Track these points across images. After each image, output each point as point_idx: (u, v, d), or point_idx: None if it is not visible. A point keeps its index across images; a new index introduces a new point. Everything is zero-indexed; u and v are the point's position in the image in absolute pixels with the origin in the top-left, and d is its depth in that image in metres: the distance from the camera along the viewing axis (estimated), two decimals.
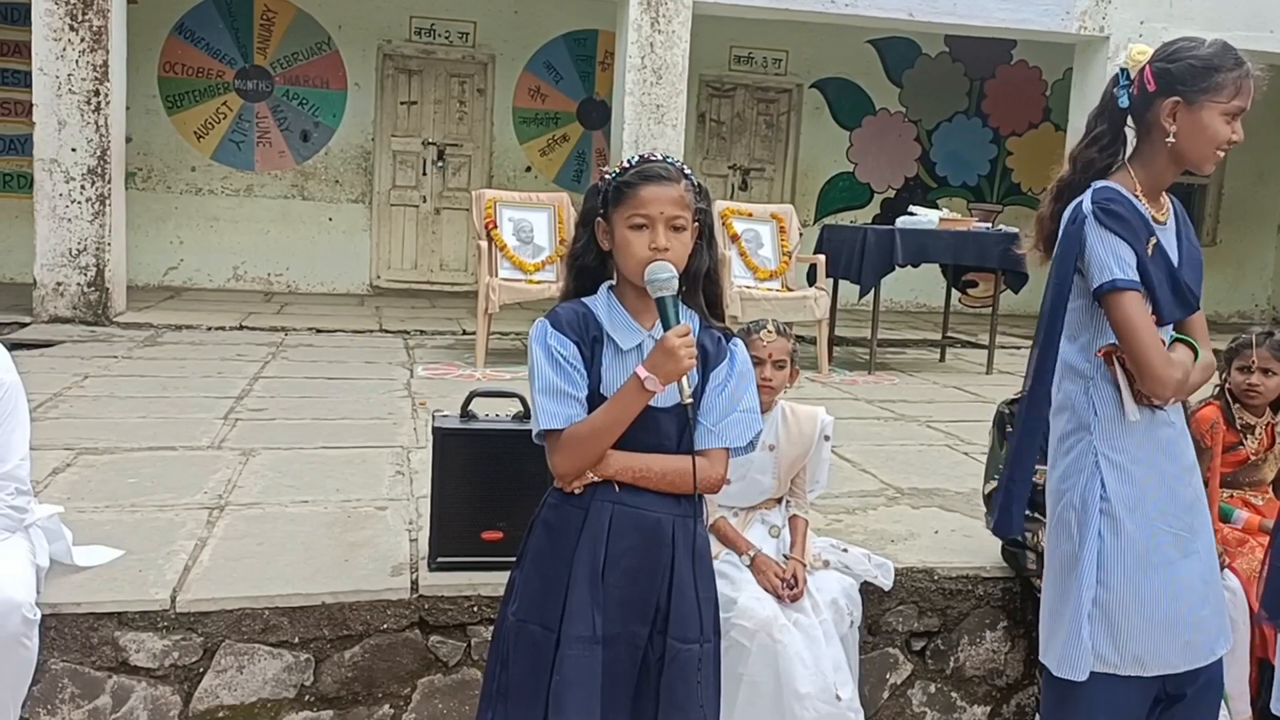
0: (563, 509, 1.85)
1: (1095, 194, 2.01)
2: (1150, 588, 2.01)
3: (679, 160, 1.87)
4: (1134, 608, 2.01)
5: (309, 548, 2.82)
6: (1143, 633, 2.01)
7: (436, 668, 2.61)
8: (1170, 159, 2.01)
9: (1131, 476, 2.01)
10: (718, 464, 1.85)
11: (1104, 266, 1.96)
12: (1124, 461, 2.01)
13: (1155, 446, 2.03)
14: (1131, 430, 2.02)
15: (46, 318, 6.61)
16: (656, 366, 1.72)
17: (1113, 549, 2.01)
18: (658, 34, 7.35)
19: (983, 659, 2.97)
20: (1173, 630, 2.02)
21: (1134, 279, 1.95)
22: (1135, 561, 2.01)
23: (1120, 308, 1.95)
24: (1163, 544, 2.02)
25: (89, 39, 6.53)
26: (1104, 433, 2.03)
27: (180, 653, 2.46)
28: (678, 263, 1.78)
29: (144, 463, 3.56)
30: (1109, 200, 1.99)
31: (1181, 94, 1.95)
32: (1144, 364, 1.95)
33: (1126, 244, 1.96)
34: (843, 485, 3.68)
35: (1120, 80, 2.03)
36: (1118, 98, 2.02)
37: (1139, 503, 2.01)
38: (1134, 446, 2.02)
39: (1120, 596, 2.01)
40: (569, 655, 1.77)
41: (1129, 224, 1.98)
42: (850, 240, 6.36)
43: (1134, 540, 2.01)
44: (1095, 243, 1.97)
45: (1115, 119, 2.04)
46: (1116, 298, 1.95)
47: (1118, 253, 1.96)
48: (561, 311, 1.84)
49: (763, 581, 2.53)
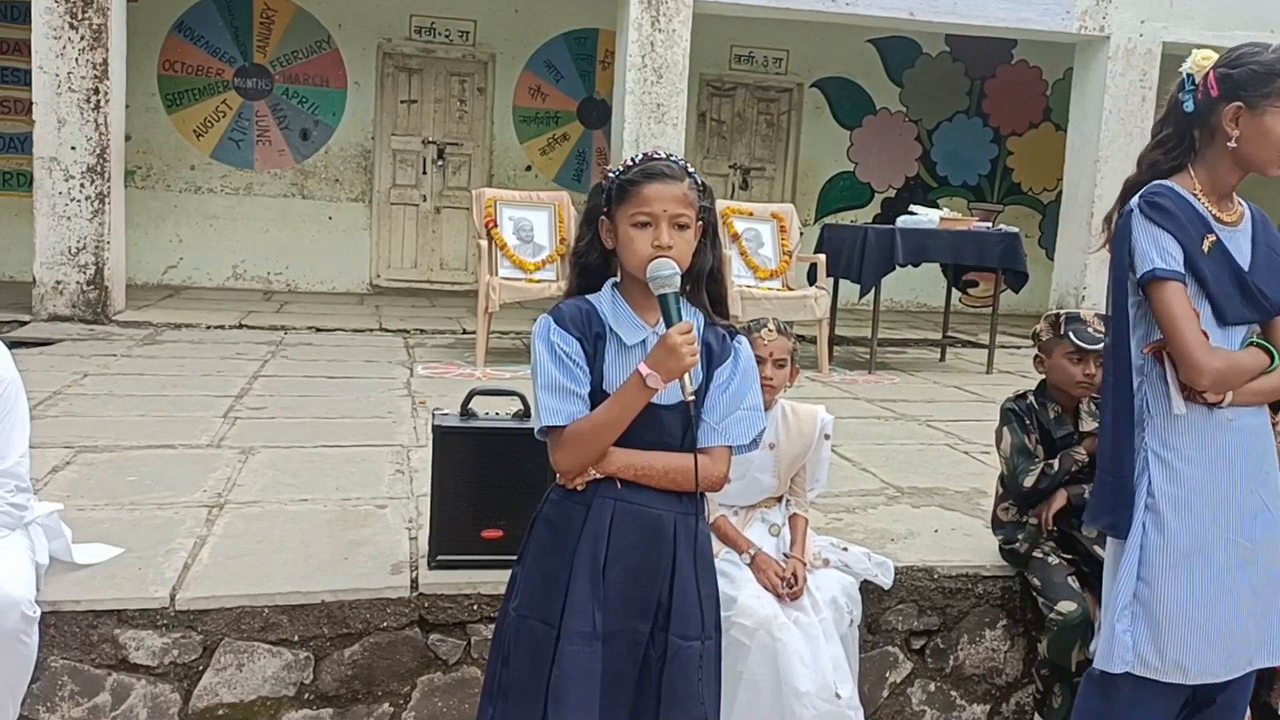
0: (564, 505, 1.84)
1: (1145, 190, 2.05)
2: (1194, 590, 2.00)
3: (683, 158, 1.87)
4: (1175, 609, 2.00)
5: (308, 546, 2.82)
6: (1185, 637, 2.00)
7: (436, 666, 2.61)
8: (1233, 162, 2.04)
9: (1180, 475, 2.01)
10: (720, 462, 1.84)
11: (1146, 256, 2.00)
12: (1173, 459, 2.02)
13: (1211, 447, 2.02)
14: (1184, 428, 2.02)
15: (46, 316, 6.61)
16: (659, 363, 1.72)
17: (1156, 545, 2.01)
18: (658, 33, 7.35)
19: (982, 658, 2.97)
20: (1215, 637, 2.01)
21: (1175, 269, 1.97)
22: (1179, 561, 2.00)
23: (1160, 297, 1.98)
24: (1210, 547, 2.01)
25: (89, 37, 6.52)
26: (1155, 429, 2.04)
27: (180, 650, 2.45)
28: (681, 260, 1.78)
29: (143, 461, 3.55)
30: (1155, 194, 2.02)
31: (1244, 99, 1.99)
32: (1180, 350, 1.96)
33: (1171, 236, 1.99)
34: (843, 484, 3.68)
35: (1185, 85, 2.06)
36: (1182, 102, 2.06)
37: (1187, 502, 2.01)
38: (1186, 445, 2.02)
39: (1161, 596, 2.00)
40: (569, 651, 1.77)
41: (1175, 217, 2.00)
42: (851, 240, 6.36)
43: (1179, 539, 2.00)
44: (1139, 235, 2.01)
45: (1180, 123, 2.07)
46: (1157, 287, 1.98)
47: (1160, 243, 1.99)
48: (565, 308, 1.84)
49: (763, 580, 2.53)
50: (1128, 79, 8.18)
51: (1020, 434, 2.86)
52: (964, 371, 6.76)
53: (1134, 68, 8.18)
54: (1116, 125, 8.20)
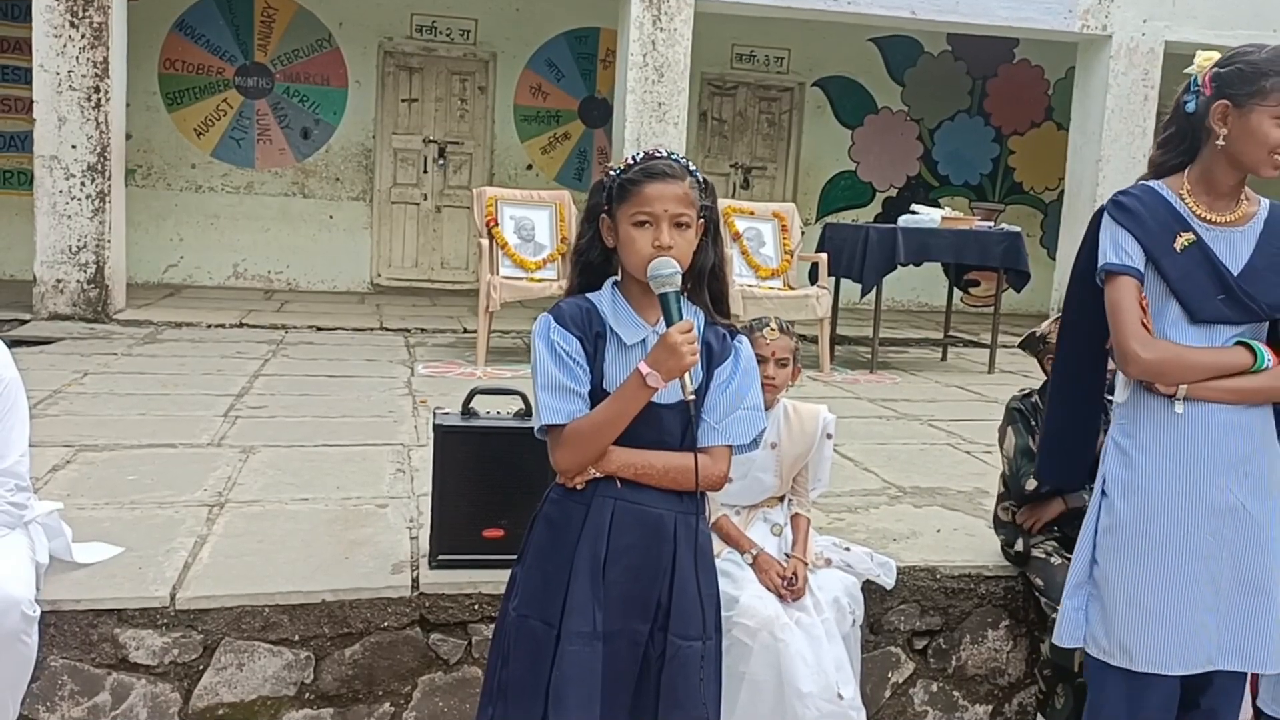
0: (564, 504, 1.84)
1: (1116, 191, 2.14)
2: (1139, 576, 2.02)
3: (684, 157, 1.86)
4: (1121, 592, 2.04)
5: (309, 545, 2.81)
6: (1132, 623, 2.03)
7: (437, 666, 2.60)
8: (1226, 162, 2.05)
9: (1134, 463, 2.05)
10: (720, 461, 1.84)
11: (1103, 253, 2.08)
12: (1129, 447, 2.07)
13: (1169, 440, 2.03)
14: (1146, 418, 2.05)
15: (46, 315, 6.60)
16: (659, 363, 1.72)
17: (1104, 528, 2.07)
18: (659, 31, 7.34)
19: (985, 658, 2.96)
20: (1164, 627, 2.01)
21: (1126, 264, 2.03)
22: (1124, 545, 2.04)
23: (1109, 290, 2.05)
24: (1164, 536, 2.01)
25: (89, 35, 6.52)
26: (1119, 418, 2.12)
27: (180, 650, 2.45)
28: (681, 260, 1.77)
29: (143, 460, 3.55)
30: (1122, 195, 2.10)
31: (1230, 97, 2.01)
32: (1115, 339, 2.04)
33: (1129, 234, 2.05)
34: (845, 484, 3.67)
35: (1190, 86, 2.09)
36: (1185, 103, 2.09)
37: (1135, 489, 2.04)
38: (1145, 434, 2.05)
39: (1108, 579, 2.06)
40: (569, 651, 1.76)
41: (1137, 216, 2.05)
42: (852, 239, 6.35)
43: (1124, 524, 2.04)
44: (1102, 233, 2.10)
45: (1182, 123, 2.11)
46: (1108, 281, 2.06)
47: (1117, 240, 2.06)
48: (565, 307, 1.83)
49: (765, 580, 2.52)
50: (1130, 78, 8.16)
51: (1024, 435, 2.85)
52: (966, 371, 6.75)
53: (1136, 67, 8.16)
54: (1119, 124, 8.19)
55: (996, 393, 5.72)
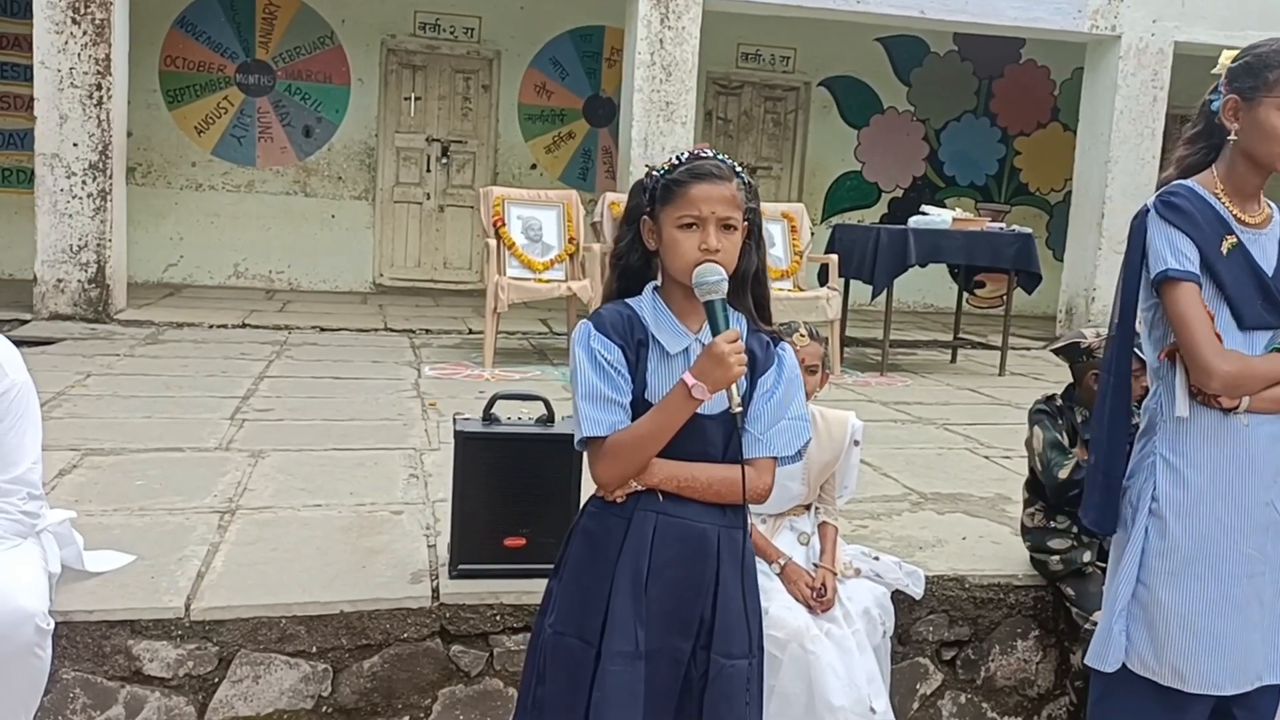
0: (604, 518, 1.77)
1: (1162, 190, 2.03)
2: (1191, 597, 1.96)
3: (730, 158, 1.80)
4: (1174, 615, 1.97)
5: (325, 553, 2.75)
6: (1182, 644, 1.97)
7: (458, 678, 2.54)
8: (1243, 158, 2.00)
9: (1186, 481, 1.97)
10: (765, 474, 1.77)
11: (1159, 257, 1.96)
12: (1181, 465, 1.98)
13: (1223, 454, 1.97)
14: (1196, 434, 1.98)
15: (47, 314, 6.52)
16: (705, 374, 1.65)
17: (1156, 550, 1.98)
18: (667, 30, 7.28)
19: (1014, 669, 2.91)
20: (1219, 649, 1.97)
21: (1189, 270, 1.94)
22: (1177, 567, 1.97)
23: (1173, 298, 1.94)
24: (1215, 556, 1.96)
25: (91, 32, 6.44)
26: (1166, 434, 2.01)
27: (195, 662, 2.38)
28: (728, 264, 1.71)
29: (151, 464, 3.48)
30: (1170, 194, 2.00)
31: (1238, 91, 1.97)
32: (1189, 352, 1.92)
33: (1186, 236, 1.96)
34: (865, 490, 3.61)
35: (1217, 85, 2.04)
36: (1211, 101, 2.04)
37: (1191, 510, 1.97)
38: (1195, 451, 1.98)
39: (1159, 601, 1.97)
40: (611, 671, 1.69)
41: (1190, 217, 1.96)
42: (863, 240, 6.30)
43: (1179, 546, 1.97)
44: (1154, 234, 1.98)
45: (1208, 121, 2.05)
46: (1170, 288, 1.95)
47: (1174, 243, 1.96)
48: (605, 313, 1.76)
49: (793, 591, 2.47)
50: (1139, 79, 8.12)
51: (1052, 430, 2.81)
52: (976, 374, 6.69)
53: (1145, 67, 8.12)
54: (1128, 125, 8.14)
55: (1010, 396, 5.67)
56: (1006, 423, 4.91)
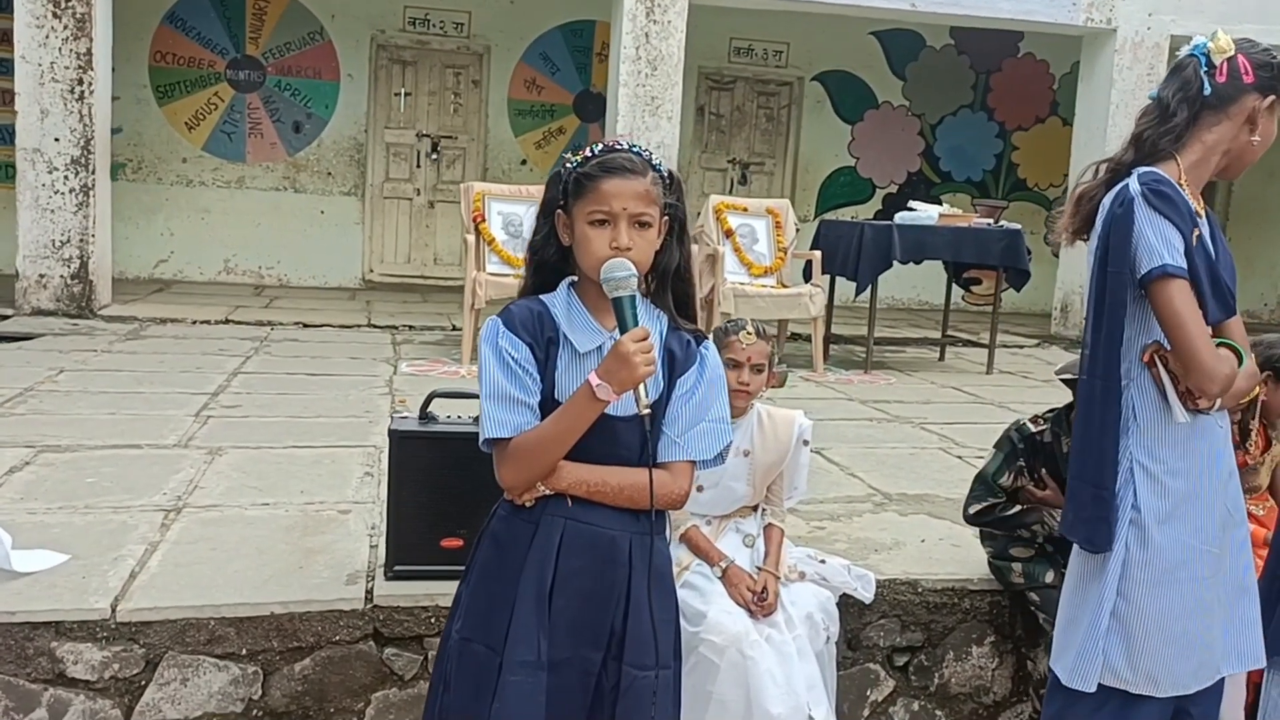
0: (512, 522, 1.72)
1: (1142, 176, 1.89)
2: (1171, 604, 1.91)
3: (647, 149, 1.73)
4: (1153, 623, 1.91)
5: (263, 553, 2.70)
6: (1158, 650, 1.92)
7: (391, 681, 2.49)
8: (1233, 155, 1.92)
9: (1166, 488, 1.91)
10: (681, 478, 1.71)
11: (1154, 251, 1.84)
12: (1159, 472, 1.91)
13: (1195, 457, 1.91)
14: (1171, 438, 1.91)
15: (29, 310, 6.51)
16: (610, 373, 1.59)
17: (1138, 561, 1.91)
18: (653, 24, 7.21)
19: (969, 675, 2.84)
20: (1188, 649, 1.93)
21: (1184, 266, 1.84)
22: (1160, 576, 1.91)
23: (1169, 296, 1.83)
24: (1191, 561, 1.92)
25: (72, 26, 6.41)
26: (1142, 438, 1.92)
27: (121, 664, 2.34)
28: (641, 262, 1.64)
29: (105, 461, 3.44)
30: (1157, 182, 1.87)
31: (1278, 94, 1.90)
32: (1192, 357, 1.82)
33: (1176, 229, 1.85)
34: (828, 490, 3.55)
35: (1202, 65, 1.91)
36: (1202, 84, 1.90)
37: (1170, 516, 1.91)
38: (1172, 456, 1.91)
39: (1140, 610, 1.92)
40: (511, 682, 1.64)
41: (1178, 209, 1.86)
42: (847, 236, 6.22)
43: (1161, 554, 1.91)
44: (1144, 225, 1.85)
45: (1195, 106, 1.91)
46: (1165, 285, 1.83)
47: (1167, 237, 1.84)
48: (516, 310, 1.70)
49: (734, 594, 2.41)
50: (1135, 72, 8.01)
51: (1001, 464, 2.71)
52: (963, 372, 6.61)
53: (1141, 61, 8.01)
54: (1124, 120, 8.02)
55: (994, 394, 5.59)
56: (987, 422, 4.82)
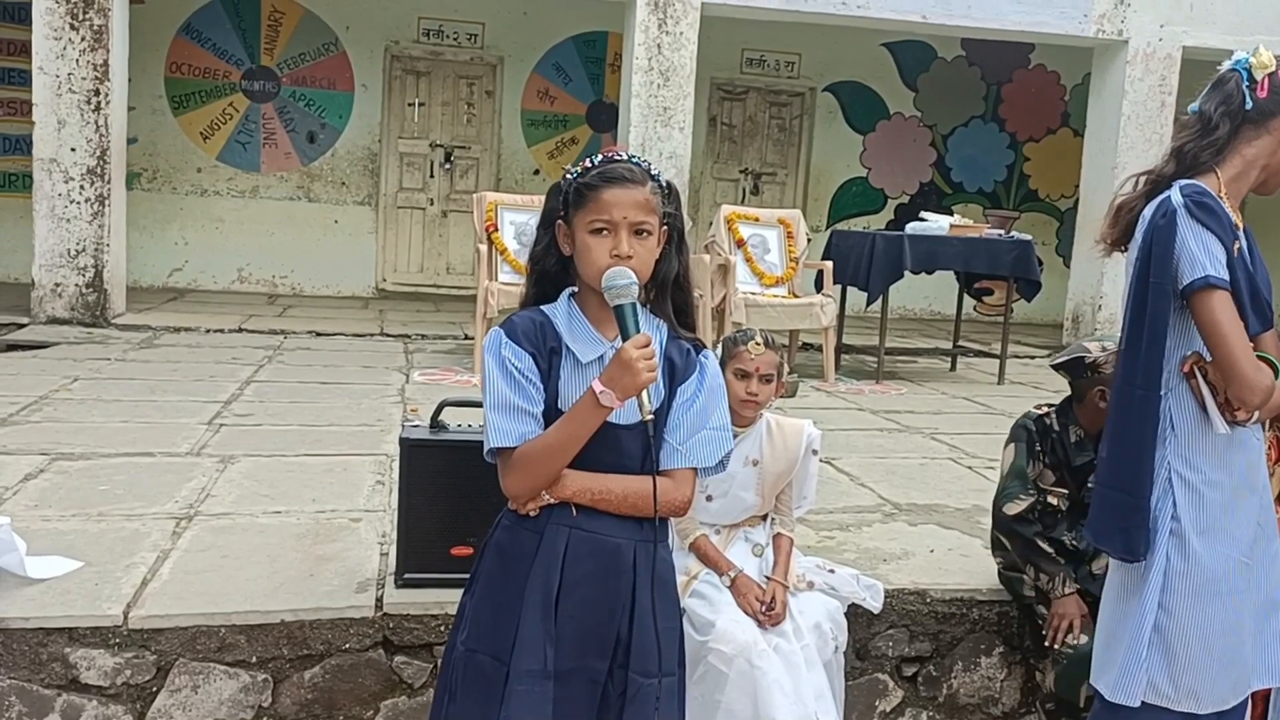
0: (516, 532, 1.73)
1: (1184, 188, 1.90)
2: (1212, 618, 1.91)
3: (646, 160, 1.76)
4: (1194, 638, 1.91)
5: (275, 561, 2.72)
6: (1201, 665, 1.91)
7: (401, 690, 2.50)
8: (1272, 170, 1.93)
9: (1204, 498, 1.91)
10: (683, 485, 1.72)
11: (1196, 262, 1.84)
12: (1197, 481, 1.91)
13: (1231, 469, 1.92)
14: (1208, 448, 1.91)
15: (44, 319, 6.56)
16: (613, 381, 1.61)
17: (1179, 573, 1.90)
18: (665, 35, 7.24)
19: (977, 686, 2.83)
20: (1230, 664, 1.93)
21: (1226, 277, 1.84)
22: (1200, 588, 1.91)
23: (1211, 307, 1.83)
24: (1229, 573, 1.92)
25: (90, 38, 6.48)
26: (1179, 448, 1.92)
27: (133, 671, 2.36)
28: (641, 270, 1.67)
29: (119, 469, 3.47)
30: (1200, 195, 1.88)
31: None
32: (1234, 367, 1.82)
33: (1219, 240, 1.86)
34: (838, 500, 3.55)
35: (1244, 80, 1.92)
36: (1244, 99, 1.91)
37: (1210, 527, 1.91)
38: (1209, 466, 1.91)
39: (1181, 624, 1.91)
40: (517, 691, 1.65)
41: (1221, 220, 1.87)
42: (858, 246, 6.22)
43: (1201, 565, 1.90)
44: (1187, 236, 1.85)
45: (1236, 120, 1.92)
46: (1208, 296, 1.83)
47: (1210, 248, 1.85)
48: (518, 320, 1.73)
49: (743, 604, 2.41)
50: (1146, 84, 8.00)
51: (1025, 456, 2.67)
52: (974, 382, 6.60)
53: (1153, 72, 7.99)
54: (1135, 131, 8.02)
55: (1005, 405, 5.57)
56: (997, 432, 4.75)
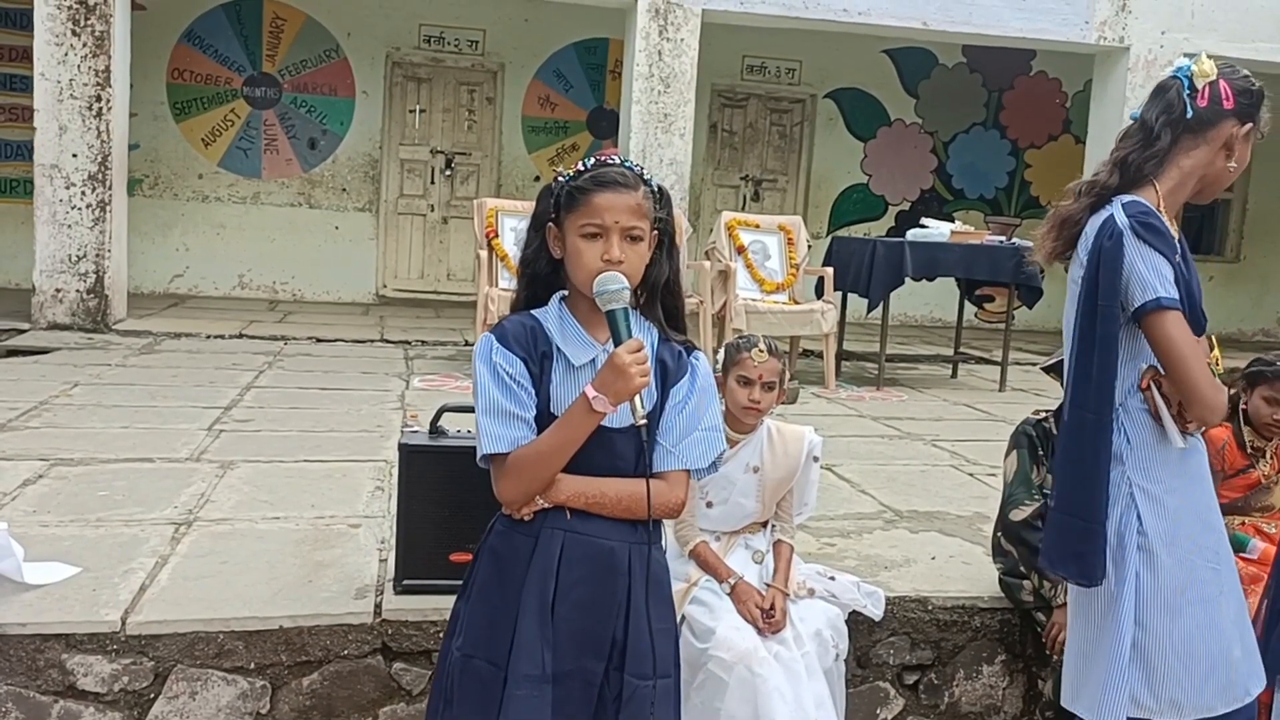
0: (510, 537, 1.72)
1: (1128, 207, 1.89)
2: (1187, 627, 1.90)
3: (639, 165, 1.75)
4: (1171, 649, 1.90)
5: (273, 567, 2.71)
6: (1181, 675, 1.90)
7: (399, 696, 2.49)
8: (1208, 180, 1.92)
9: (1166, 509, 1.91)
10: (677, 487, 1.72)
11: (1147, 284, 1.84)
12: (1159, 493, 1.90)
13: (1187, 475, 1.92)
14: (1164, 459, 1.91)
15: (45, 324, 6.56)
16: (606, 385, 1.60)
17: (1150, 587, 1.90)
18: (666, 42, 7.25)
19: (979, 694, 2.82)
20: (1211, 671, 1.91)
21: (1176, 297, 1.84)
22: (1172, 599, 1.90)
23: (1165, 328, 1.83)
24: (1199, 579, 1.92)
25: (91, 44, 6.49)
26: (1137, 462, 1.92)
27: (130, 677, 2.35)
28: (633, 275, 1.67)
29: (118, 475, 3.46)
30: (1144, 214, 1.88)
31: (1254, 121, 1.91)
32: (1194, 390, 1.82)
33: (1167, 260, 1.86)
34: (839, 507, 3.54)
35: (1185, 88, 1.91)
36: (1185, 107, 1.90)
37: (1175, 536, 1.91)
38: (1168, 476, 1.91)
39: (1158, 637, 1.90)
40: (516, 695, 1.64)
41: (1166, 239, 1.87)
42: (859, 253, 6.22)
43: (1172, 576, 1.90)
44: (1135, 258, 1.85)
45: (1177, 130, 1.91)
46: (1160, 318, 1.83)
47: (1159, 269, 1.85)
48: (509, 325, 1.72)
49: (743, 611, 2.40)
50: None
51: (1028, 461, 2.69)
52: (975, 389, 6.59)
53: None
54: None
55: (1005, 412, 5.56)
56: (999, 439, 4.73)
